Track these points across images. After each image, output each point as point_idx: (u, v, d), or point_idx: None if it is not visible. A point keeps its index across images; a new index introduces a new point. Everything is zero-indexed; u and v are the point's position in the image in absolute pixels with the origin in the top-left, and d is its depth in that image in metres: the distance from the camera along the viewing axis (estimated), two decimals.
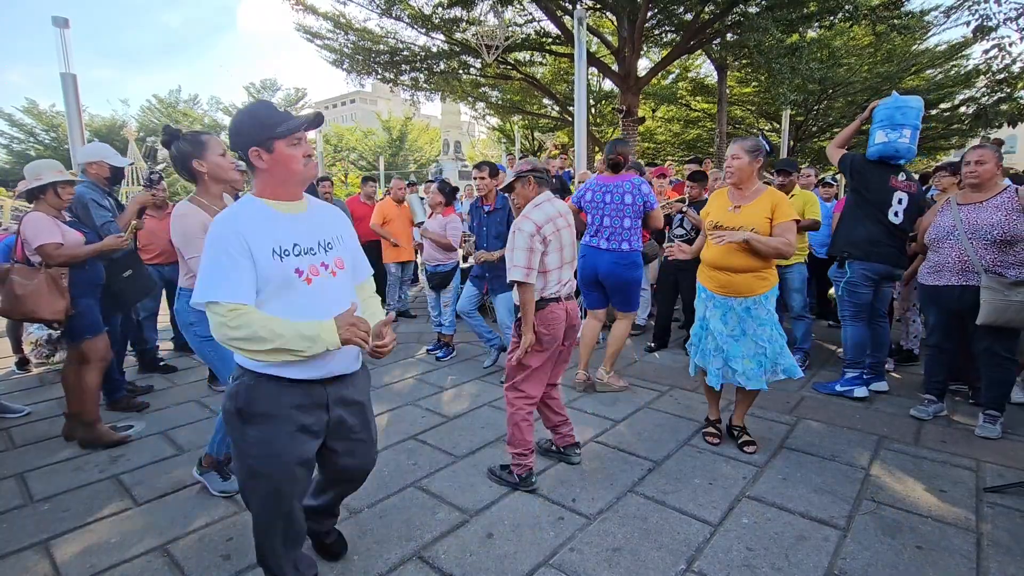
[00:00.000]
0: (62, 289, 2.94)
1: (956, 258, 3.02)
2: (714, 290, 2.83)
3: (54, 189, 2.95)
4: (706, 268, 2.88)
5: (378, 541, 2.14)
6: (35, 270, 2.90)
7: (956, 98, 14.54)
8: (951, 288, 3.06)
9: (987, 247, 2.92)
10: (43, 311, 2.86)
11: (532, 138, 21.05)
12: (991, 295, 2.84)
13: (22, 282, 2.86)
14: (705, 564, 2.00)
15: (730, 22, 9.64)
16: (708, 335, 2.88)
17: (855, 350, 3.65)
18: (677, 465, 2.76)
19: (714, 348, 2.84)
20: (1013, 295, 2.80)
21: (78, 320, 3.01)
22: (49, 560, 2.08)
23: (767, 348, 2.75)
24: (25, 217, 2.94)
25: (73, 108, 5.04)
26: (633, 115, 10.65)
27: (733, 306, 2.79)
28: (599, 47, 13.85)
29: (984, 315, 2.86)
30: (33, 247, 2.89)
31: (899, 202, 3.49)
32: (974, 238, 2.95)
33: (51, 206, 2.97)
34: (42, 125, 29.93)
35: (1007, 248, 2.88)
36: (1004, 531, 2.18)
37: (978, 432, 3.02)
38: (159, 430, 3.29)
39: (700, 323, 2.95)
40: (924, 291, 3.26)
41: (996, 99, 8.65)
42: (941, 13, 10.70)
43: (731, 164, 2.76)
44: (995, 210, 2.91)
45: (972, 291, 2.95)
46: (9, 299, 2.88)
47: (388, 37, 11.60)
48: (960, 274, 3.02)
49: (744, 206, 2.75)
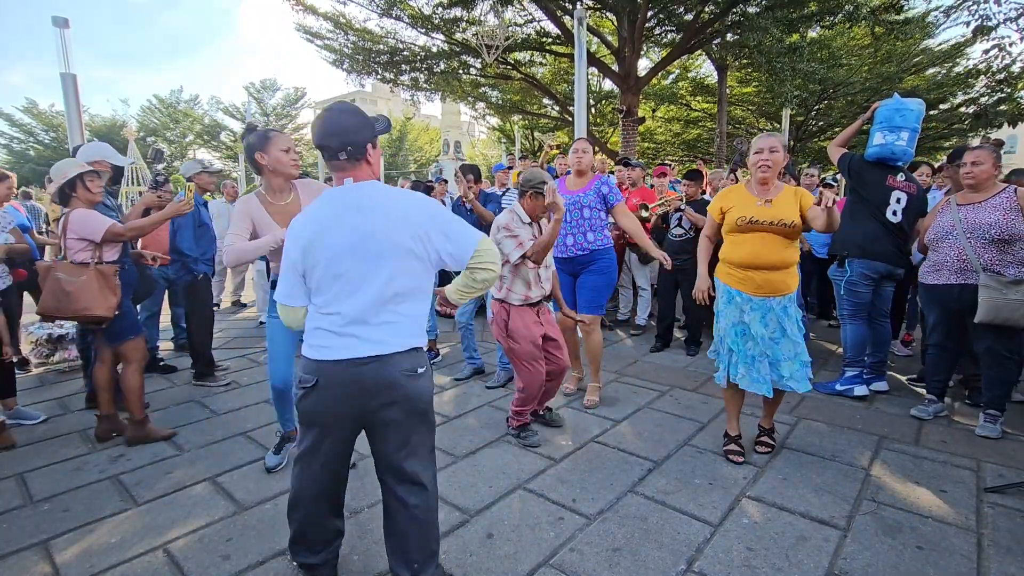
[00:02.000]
0: (113, 286, 2.93)
1: (955, 257, 3.04)
2: (752, 292, 2.68)
3: (82, 182, 2.93)
4: (736, 270, 2.73)
5: (378, 541, 2.14)
6: (82, 267, 2.88)
7: (956, 98, 14.53)
8: (950, 287, 3.07)
9: (985, 246, 2.94)
10: (97, 307, 2.84)
11: (532, 138, 21.04)
12: (989, 293, 2.85)
13: (69, 279, 2.83)
14: (705, 564, 2.00)
15: (730, 22, 9.63)
16: (749, 341, 2.69)
17: (854, 349, 3.66)
18: (677, 465, 2.76)
19: (758, 354, 2.68)
20: (1011, 293, 2.81)
21: (121, 320, 3.01)
22: (49, 560, 2.08)
23: (803, 347, 2.69)
24: (64, 219, 2.90)
25: (73, 108, 5.04)
26: (633, 115, 10.65)
27: (772, 306, 2.67)
28: (599, 47, 13.84)
29: (982, 313, 2.87)
30: (100, 237, 2.88)
31: (897, 201, 3.52)
32: (972, 238, 2.97)
33: (85, 201, 2.96)
34: (42, 125, 29.94)
35: (1005, 247, 2.90)
36: (1005, 531, 2.18)
37: (978, 432, 3.03)
38: None
39: (734, 329, 2.72)
40: (924, 290, 3.28)
41: (996, 99, 8.66)
42: (941, 13, 10.69)
43: (770, 158, 2.63)
44: (993, 210, 2.93)
45: (971, 290, 2.97)
46: (56, 296, 2.84)
47: (388, 37, 11.60)
48: (959, 273, 3.03)
49: (774, 199, 2.66)
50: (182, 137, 34.47)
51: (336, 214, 1.63)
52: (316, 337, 1.65)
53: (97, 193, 3.00)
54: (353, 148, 1.64)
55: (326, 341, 1.62)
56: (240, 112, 33.16)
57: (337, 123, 1.64)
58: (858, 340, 3.66)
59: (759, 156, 2.67)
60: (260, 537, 2.20)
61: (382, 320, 1.62)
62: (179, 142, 34.27)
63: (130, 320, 3.10)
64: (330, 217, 1.63)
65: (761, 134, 2.80)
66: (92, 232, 2.88)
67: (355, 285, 1.60)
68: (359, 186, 1.67)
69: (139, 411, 3.08)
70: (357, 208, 1.62)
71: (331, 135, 1.63)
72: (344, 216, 1.61)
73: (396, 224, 1.60)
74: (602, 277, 3.53)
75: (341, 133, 1.63)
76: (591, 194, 3.52)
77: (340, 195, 1.66)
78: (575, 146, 3.66)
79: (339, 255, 1.60)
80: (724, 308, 2.78)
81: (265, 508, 2.42)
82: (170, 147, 32.73)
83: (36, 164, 27.95)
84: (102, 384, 3.10)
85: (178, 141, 34.22)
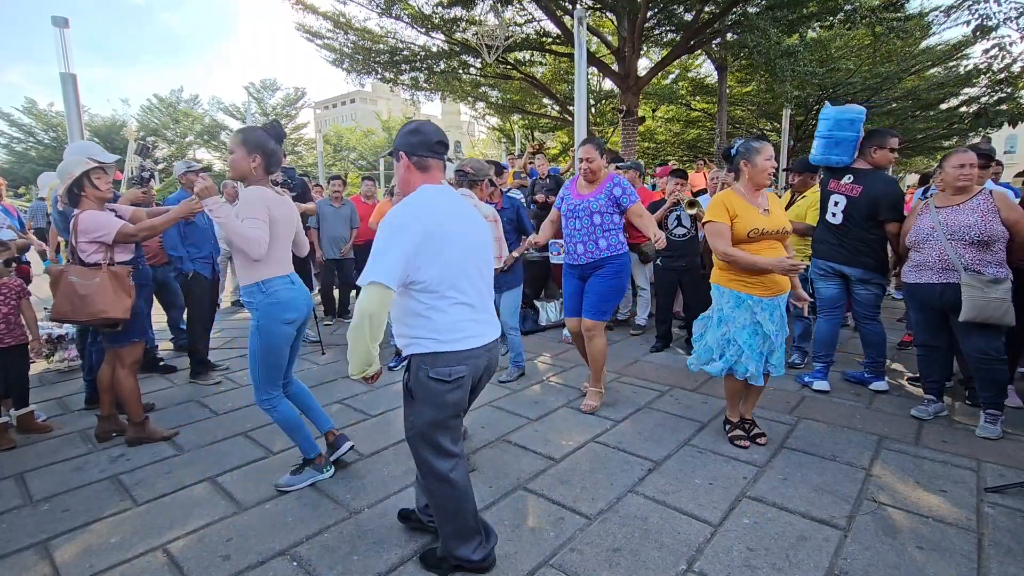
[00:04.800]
0: (127, 287, 2.92)
1: (937, 258, 3.09)
2: (762, 294, 2.79)
3: (89, 180, 2.90)
4: (748, 276, 2.80)
5: (378, 541, 2.14)
6: (95, 269, 2.86)
7: (956, 98, 14.52)
8: (932, 286, 3.12)
9: (966, 247, 2.99)
10: (113, 309, 2.82)
11: (532, 138, 21.03)
12: (971, 292, 2.91)
13: (82, 282, 2.80)
14: (706, 564, 2.00)
15: (730, 22, 9.63)
16: (762, 339, 2.83)
17: (818, 344, 3.87)
18: (677, 465, 2.76)
19: (767, 349, 2.86)
20: (991, 292, 2.87)
21: (131, 323, 2.98)
22: (49, 560, 2.08)
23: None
24: (74, 220, 2.86)
25: (73, 108, 5.03)
26: (633, 115, 10.65)
27: (779, 304, 2.86)
28: (599, 47, 13.85)
29: (966, 311, 2.92)
30: (111, 239, 2.85)
31: (835, 204, 3.68)
32: (953, 239, 3.02)
33: (95, 199, 2.93)
34: (42, 125, 29.94)
35: (985, 248, 2.96)
36: (1005, 531, 2.18)
37: (979, 432, 3.03)
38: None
39: (747, 330, 2.82)
40: (907, 288, 3.34)
41: (996, 99, 8.65)
42: (941, 12, 10.69)
43: (774, 166, 2.82)
44: (971, 212, 2.98)
45: (953, 288, 3.01)
46: (70, 299, 2.80)
47: (388, 37, 11.60)
48: (941, 272, 3.07)
49: (771, 207, 2.86)
50: (182, 137, 34.48)
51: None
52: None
53: (106, 190, 2.97)
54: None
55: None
56: (240, 112, 33.15)
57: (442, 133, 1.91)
58: (823, 338, 3.84)
59: (769, 163, 2.77)
60: (260, 537, 2.19)
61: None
62: (179, 142, 34.29)
63: (139, 323, 3.08)
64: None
65: (763, 141, 2.83)
66: (103, 234, 2.85)
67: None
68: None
69: (137, 413, 3.07)
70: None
71: (445, 136, 1.90)
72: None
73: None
74: (610, 282, 3.40)
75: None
76: (602, 198, 3.36)
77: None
78: (579, 153, 3.46)
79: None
80: (732, 312, 2.85)
81: (265, 508, 2.41)
82: (170, 147, 32.73)
83: (36, 164, 27.94)
84: (105, 385, 3.10)
85: (178, 141, 34.24)
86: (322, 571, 1.98)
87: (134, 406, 3.06)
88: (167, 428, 3.22)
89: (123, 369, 3.04)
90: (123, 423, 3.16)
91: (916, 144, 17.37)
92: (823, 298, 3.83)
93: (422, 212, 1.72)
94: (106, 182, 2.97)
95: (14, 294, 3.17)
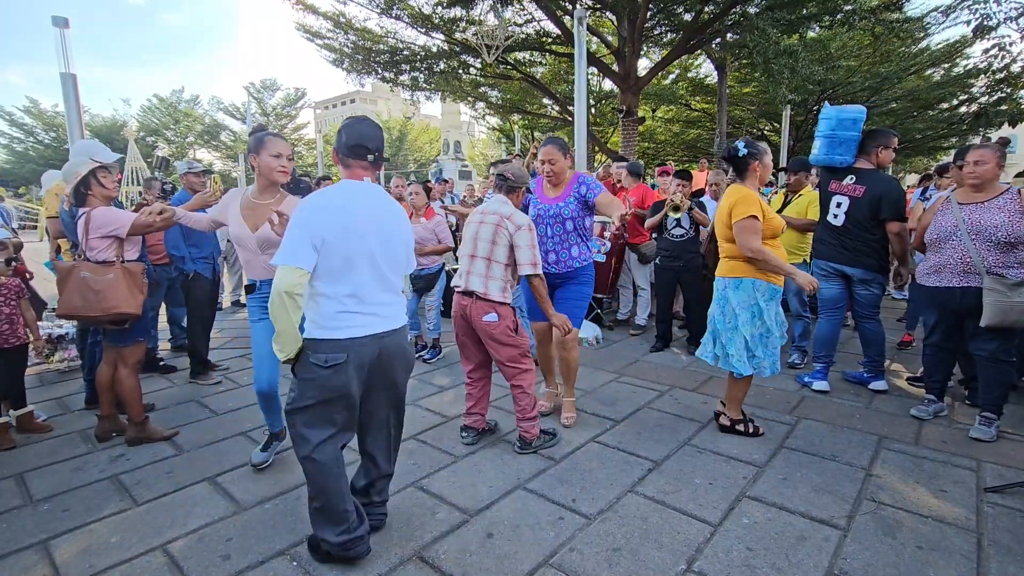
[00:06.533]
0: (140, 284, 2.92)
1: (958, 259, 2.98)
2: (779, 283, 2.93)
3: (95, 179, 2.89)
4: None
5: (378, 541, 2.14)
6: (107, 266, 2.86)
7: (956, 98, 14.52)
8: (951, 290, 3.02)
9: (990, 248, 2.88)
10: (127, 305, 2.82)
11: (532, 138, 21.04)
12: (995, 297, 2.81)
13: (96, 278, 2.79)
14: (705, 564, 2.00)
15: (730, 22, 9.64)
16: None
17: (818, 344, 3.87)
18: (677, 465, 2.76)
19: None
20: (1015, 296, 2.78)
21: (138, 321, 2.98)
22: (49, 560, 2.08)
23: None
24: (85, 217, 2.85)
25: (73, 108, 5.04)
26: (633, 115, 10.66)
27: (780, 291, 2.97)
28: (599, 47, 13.86)
29: (988, 317, 2.84)
30: (126, 231, 2.85)
31: (837, 205, 3.66)
32: (978, 239, 2.91)
33: (102, 198, 2.92)
34: (42, 125, 29.95)
35: (1010, 249, 2.85)
36: (1005, 531, 2.18)
37: (972, 433, 2.99)
38: None
39: (778, 325, 2.93)
40: (924, 292, 3.24)
41: (996, 99, 8.67)
42: (940, 12, 10.70)
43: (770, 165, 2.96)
44: (998, 211, 2.87)
45: (973, 293, 2.92)
46: (84, 295, 2.79)
47: (388, 37, 11.62)
48: (961, 275, 2.98)
49: (772, 201, 3.00)
50: (182, 137, 34.50)
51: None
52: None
53: (112, 188, 2.97)
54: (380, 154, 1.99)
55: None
56: (240, 112, 33.15)
57: (377, 133, 1.99)
58: (822, 339, 3.84)
59: (771, 162, 2.94)
60: (260, 537, 2.19)
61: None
62: (179, 142, 34.31)
63: (143, 322, 3.07)
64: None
65: (763, 143, 2.92)
66: (118, 228, 2.84)
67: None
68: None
69: (138, 413, 3.07)
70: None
71: (372, 139, 1.95)
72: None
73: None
74: (584, 289, 3.27)
75: (379, 140, 1.99)
76: (572, 202, 3.15)
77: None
78: (541, 155, 3.24)
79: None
80: (767, 304, 2.90)
81: (265, 508, 2.41)
82: (170, 147, 32.75)
83: (37, 164, 27.95)
84: (104, 384, 3.10)
85: (179, 141, 34.26)
86: (322, 571, 1.98)
87: (135, 406, 3.06)
88: (167, 428, 3.22)
89: (125, 368, 3.04)
90: (123, 423, 3.16)
91: (916, 144, 17.38)
92: (824, 298, 3.82)
93: (317, 207, 1.84)
94: (112, 181, 2.98)
95: (14, 294, 3.17)
